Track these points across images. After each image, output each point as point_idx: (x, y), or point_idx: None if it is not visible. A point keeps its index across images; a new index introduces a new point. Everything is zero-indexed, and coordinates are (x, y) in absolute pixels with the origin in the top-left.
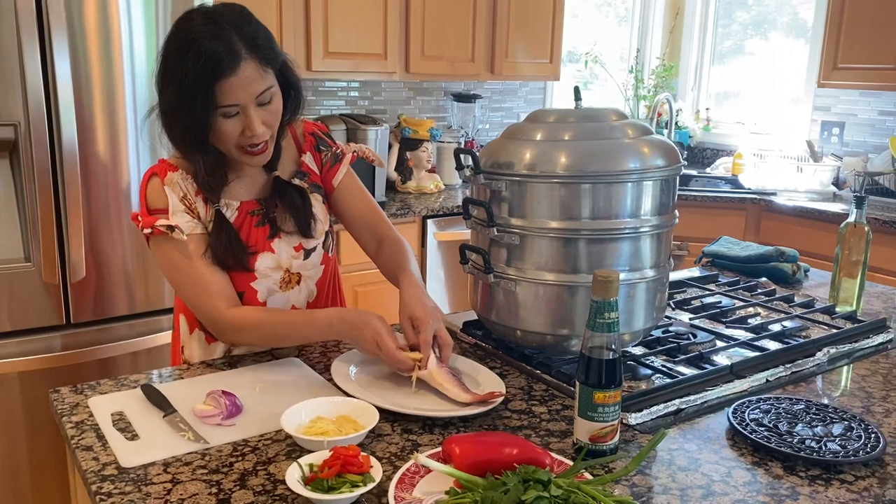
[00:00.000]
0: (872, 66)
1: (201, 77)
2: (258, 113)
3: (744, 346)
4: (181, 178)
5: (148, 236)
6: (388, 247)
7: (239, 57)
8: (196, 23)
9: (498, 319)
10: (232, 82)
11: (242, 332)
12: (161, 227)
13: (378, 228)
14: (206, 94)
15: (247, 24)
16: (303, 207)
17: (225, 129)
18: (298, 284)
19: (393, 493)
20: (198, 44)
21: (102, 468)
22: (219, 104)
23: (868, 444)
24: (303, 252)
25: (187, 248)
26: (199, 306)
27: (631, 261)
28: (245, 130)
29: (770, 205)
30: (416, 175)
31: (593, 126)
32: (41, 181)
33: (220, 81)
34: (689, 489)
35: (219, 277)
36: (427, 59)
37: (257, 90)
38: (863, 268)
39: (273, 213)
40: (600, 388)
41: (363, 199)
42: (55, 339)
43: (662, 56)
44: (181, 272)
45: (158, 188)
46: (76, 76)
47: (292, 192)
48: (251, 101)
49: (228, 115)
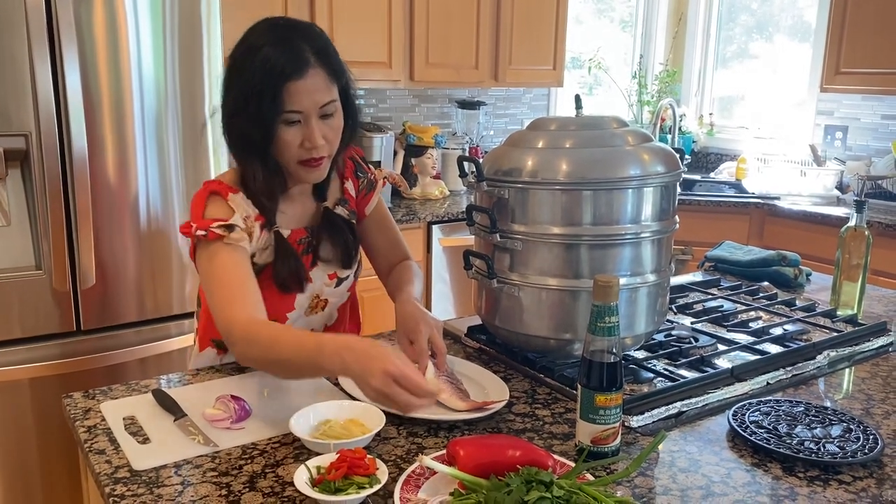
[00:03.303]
0: (875, 70)
1: (270, 78)
2: (319, 125)
3: (745, 349)
4: (243, 199)
5: (197, 242)
6: (396, 269)
7: (308, 62)
8: (268, 30)
9: (501, 324)
10: (299, 86)
11: (254, 343)
12: (217, 230)
13: (396, 258)
14: (273, 95)
15: (317, 37)
16: (352, 242)
17: (286, 137)
18: (323, 310)
19: (398, 494)
20: (268, 46)
21: (115, 471)
22: (284, 108)
23: (866, 446)
24: (336, 280)
25: (236, 254)
26: (222, 310)
27: (632, 266)
28: (305, 141)
29: (774, 209)
30: (421, 181)
31: (594, 134)
32: (52, 190)
33: (288, 84)
34: (690, 490)
35: (255, 290)
36: (431, 67)
37: (322, 100)
38: (863, 271)
39: (318, 242)
40: (602, 391)
41: (389, 230)
42: (65, 346)
43: (666, 61)
44: (219, 274)
45: (220, 202)
46: (86, 85)
47: (342, 224)
48: (314, 111)
49: (290, 121)
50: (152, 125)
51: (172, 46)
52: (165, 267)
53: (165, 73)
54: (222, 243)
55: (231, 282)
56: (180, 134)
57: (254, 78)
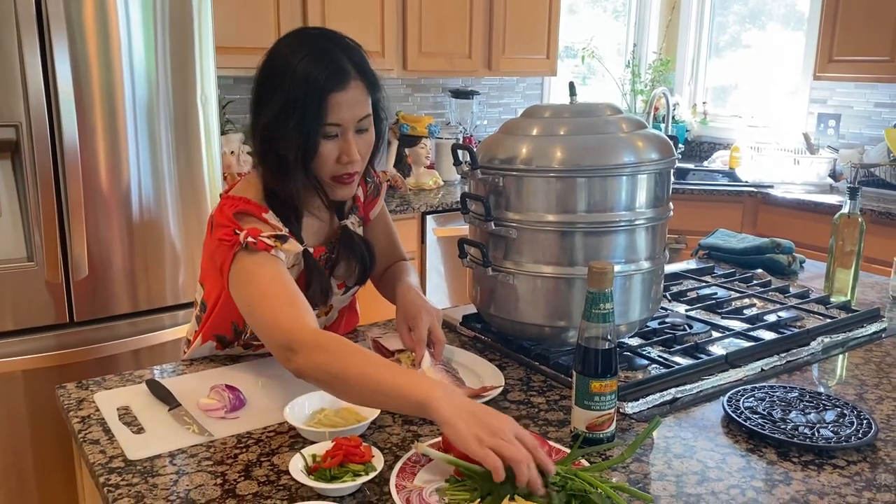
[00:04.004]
0: (868, 58)
1: (314, 89)
2: (355, 140)
3: (739, 336)
4: (274, 218)
5: (237, 251)
6: (393, 268)
7: (349, 74)
8: (303, 41)
9: (496, 312)
10: (341, 98)
11: (324, 350)
12: (268, 241)
13: (392, 260)
14: (318, 106)
15: (355, 49)
16: (368, 260)
17: (323, 151)
18: (327, 315)
19: (394, 481)
20: (308, 58)
21: (109, 461)
22: (326, 120)
23: (860, 430)
24: (345, 289)
25: (281, 265)
26: (278, 318)
27: (626, 253)
28: (342, 156)
29: (767, 197)
30: (415, 171)
31: (588, 121)
32: (43, 180)
33: (331, 95)
34: (685, 475)
35: (305, 300)
36: (424, 56)
37: (360, 114)
38: (857, 258)
39: (336, 260)
40: (596, 377)
41: (389, 234)
42: (58, 338)
43: (659, 50)
44: (272, 284)
45: (256, 221)
46: (76, 76)
47: (359, 242)
48: (352, 125)
49: (329, 135)
50: (144, 115)
51: (163, 36)
52: (158, 258)
53: (157, 62)
54: (269, 254)
55: (289, 292)
56: (172, 124)
57: (294, 90)
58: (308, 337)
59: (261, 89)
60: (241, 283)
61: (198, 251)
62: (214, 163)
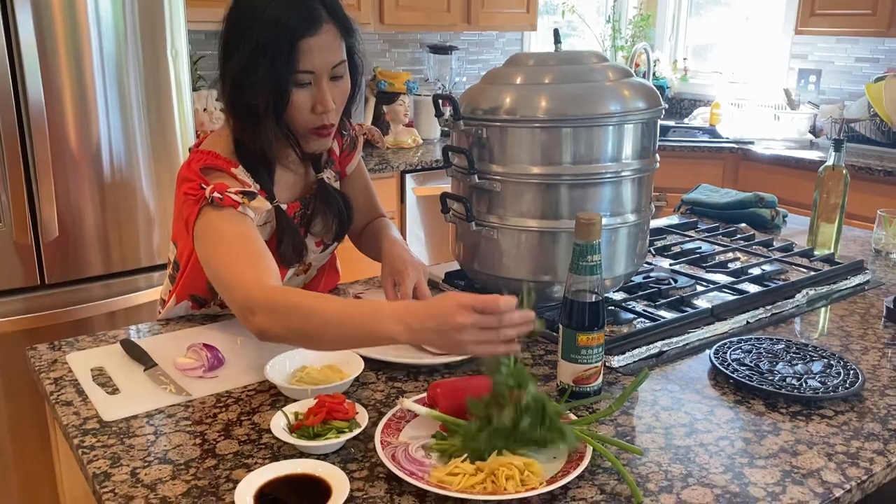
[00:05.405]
0: (850, 11)
1: (283, 34)
2: (330, 88)
3: (724, 289)
4: (244, 173)
5: (202, 207)
6: (374, 224)
7: (321, 18)
8: None
9: (480, 268)
10: (312, 43)
11: (279, 308)
12: (235, 197)
13: (371, 217)
14: (288, 52)
15: None
16: (345, 215)
17: (296, 100)
18: (305, 273)
19: (379, 437)
20: (276, 2)
21: (84, 422)
22: (297, 67)
23: (847, 381)
24: (322, 246)
25: (248, 223)
26: (239, 280)
27: (612, 205)
28: (316, 105)
29: (748, 154)
30: (394, 129)
31: (574, 69)
32: (7, 139)
33: (302, 40)
34: (673, 427)
35: (271, 258)
36: (402, 10)
37: (334, 60)
38: (840, 211)
39: (312, 216)
40: (583, 330)
41: (368, 189)
42: (29, 301)
43: (639, 6)
44: (235, 242)
45: (224, 177)
46: (39, 30)
47: (335, 196)
48: (325, 72)
49: (301, 83)
50: (112, 71)
51: None
52: (131, 218)
53: (124, 15)
54: (236, 211)
55: (251, 250)
56: (142, 80)
57: (263, 36)
58: (264, 300)
59: (228, 35)
60: (205, 240)
61: (172, 211)
62: (187, 120)
